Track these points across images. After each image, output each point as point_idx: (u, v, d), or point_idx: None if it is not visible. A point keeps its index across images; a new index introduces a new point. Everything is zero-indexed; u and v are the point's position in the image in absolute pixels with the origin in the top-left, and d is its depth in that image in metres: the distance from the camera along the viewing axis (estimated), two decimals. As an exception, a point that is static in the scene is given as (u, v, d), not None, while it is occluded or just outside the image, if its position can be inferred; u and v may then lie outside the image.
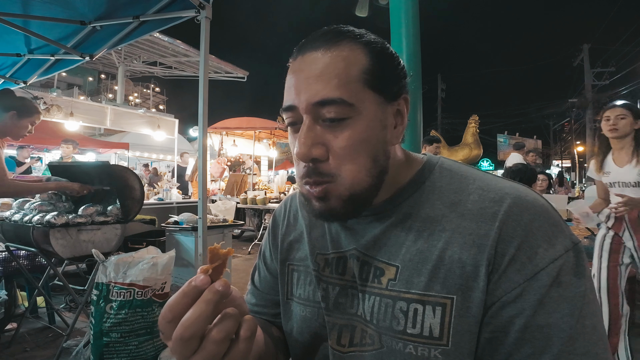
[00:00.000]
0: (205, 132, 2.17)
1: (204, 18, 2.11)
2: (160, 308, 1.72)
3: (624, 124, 2.00)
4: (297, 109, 0.48)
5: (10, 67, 3.30)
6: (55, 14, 2.49)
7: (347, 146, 0.46)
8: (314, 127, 0.47)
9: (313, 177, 0.47)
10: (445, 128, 23.98)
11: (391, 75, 0.49)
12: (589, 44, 17.54)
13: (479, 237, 0.44)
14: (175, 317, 0.37)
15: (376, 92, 0.48)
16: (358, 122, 0.47)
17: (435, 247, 0.46)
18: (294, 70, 0.49)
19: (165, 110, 24.28)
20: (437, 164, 0.54)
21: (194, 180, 6.87)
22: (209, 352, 0.36)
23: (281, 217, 0.69)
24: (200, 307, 0.37)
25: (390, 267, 0.49)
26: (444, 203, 0.49)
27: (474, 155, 10.20)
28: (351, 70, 0.46)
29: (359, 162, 0.47)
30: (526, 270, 0.41)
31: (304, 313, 0.58)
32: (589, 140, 16.93)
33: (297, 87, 0.48)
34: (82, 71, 26.43)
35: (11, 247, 2.27)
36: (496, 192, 0.47)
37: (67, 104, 5.97)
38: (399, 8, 2.90)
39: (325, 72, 0.46)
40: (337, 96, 0.45)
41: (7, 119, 1.96)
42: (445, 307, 0.44)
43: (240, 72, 11.52)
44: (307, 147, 0.46)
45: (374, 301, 0.49)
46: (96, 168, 2.50)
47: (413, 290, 0.46)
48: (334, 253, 0.56)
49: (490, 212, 0.45)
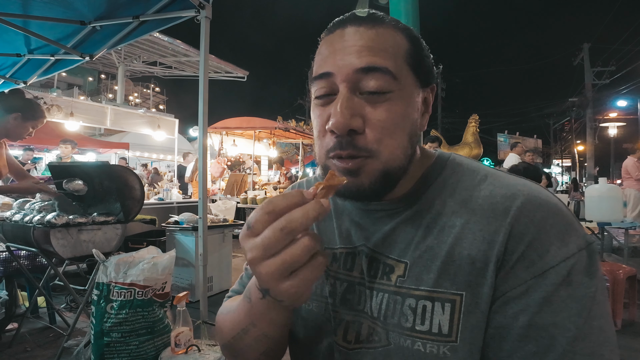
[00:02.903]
0: (205, 132, 2.17)
1: (204, 18, 2.11)
2: (160, 308, 1.72)
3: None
4: (333, 76, 0.46)
5: (10, 67, 3.30)
6: (55, 14, 2.49)
7: (387, 120, 0.45)
8: (352, 97, 0.45)
9: (348, 149, 0.45)
10: (445, 127, 23.98)
11: (425, 62, 0.50)
12: (589, 43, 17.52)
13: (489, 234, 0.43)
14: (276, 211, 0.37)
15: (415, 74, 0.48)
16: (398, 98, 0.46)
17: (445, 243, 0.45)
18: (333, 40, 0.48)
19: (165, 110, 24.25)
20: (449, 160, 0.53)
21: (194, 180, 6.87)
22: (293, 255, 0.36)
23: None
24: (308, 210, 0.37)
25: (400, 263, 0.48)
26: (455, 199, 0.48)
27: (474, 155, 10.20)
28: (397, 48, 0.46)
29: (397, 138, 0.46)
30: (535, 267, 0.41)
31: (310, 307, 0.56)
32: (589, 139, 16.92)
33: (337, 54, 0.46)
34: (82, 71, 26.41)
35: (12, 247, 2.27)
36: (508, 188, 0.46)
37: (67, 104, 5.97)
38: (398, 7, 2.90)
39: (373, 43, 0.45)
40: (383, 65, 0.44)
41: (10, 120, 1.96)
42: (455, 304, 0.43)
43: (240, 72, 11.51)
44: (346, 117, 0.44)
45: (382, 298, 0.48)
46: (96, 168, 2.50)
47: (422, 287, 0.45)
48: (343, 248, 0.55)
49: (501, 208, 0.44)
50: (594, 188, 3.85)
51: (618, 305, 2.71)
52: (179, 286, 3.31)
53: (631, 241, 3.60)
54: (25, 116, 1.98)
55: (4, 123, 1.95)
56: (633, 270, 2.84)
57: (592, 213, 3.72)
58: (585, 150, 18.38)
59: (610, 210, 3.63)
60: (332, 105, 0.46)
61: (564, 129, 25.41)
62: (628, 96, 17.22)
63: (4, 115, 1.94)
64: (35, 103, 2.10)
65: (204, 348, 1.62)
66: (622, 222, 3.64)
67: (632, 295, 2.95)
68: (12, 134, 2.00)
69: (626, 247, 3.52)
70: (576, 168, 24.15)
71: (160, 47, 11.01)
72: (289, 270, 0.37)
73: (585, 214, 3.85)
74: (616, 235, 3.73)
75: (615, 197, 3.71)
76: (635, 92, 16.43)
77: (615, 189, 3.96)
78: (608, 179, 7.25)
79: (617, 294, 2.66)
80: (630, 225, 3.56)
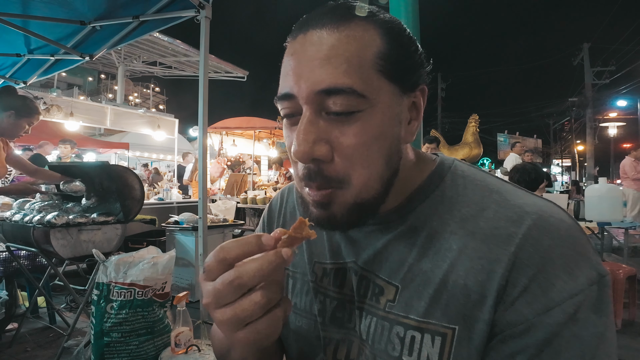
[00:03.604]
0: (205, 132, 2.17)
1: (204, 18, 2.11)
2: (160, 308, 1.72)
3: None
4: (295, 98, 0.41)
5: (10, 67, 3.31)
6: (55, 14, 2.49)
7: (357, 144, 0.39)
8: (316, 120, 0.40)
9: (316, 180, 0.41)
10: (445, 127, 23.98)
11: (409, 62, 0.42)
12: (589, 43, 17.53)
13: (489, 262, 0.38)
14: (227, 259, 0.35)
15: (391, 81, 0.41)
16: (370, 116, 0.40)
17: (440, 268, 0.41)
18: (293, 51, 0.42)
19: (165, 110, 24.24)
20: (450, 169, 0.47)
21: (193, 180, 6.87)
22: (244, 310, 0.34)
23: (277, 210, 0.63)
24: (263, 263, 0.34)
25: (390, 286, 0.44)
26: (454, 217, 0.43)
27: (474, 155, 10.21)
28: (364, 54, 0.39)
29: (370, 165, 0.41)
30: (538, 304, 0.36)
31: (300, 324, 0.53)
32: (589, 139, 16.93)
33: (297, 71, 0.40)
34: (82, 71, 26.43)
35: (12, 247, 2.27)
36: (515, 209, 0.40)
37: (67, 104, 5.96)
38: (398, 7, 2.90)
39: (332, 55, 0.39)
40: (346, 85, 0.38)
41: (5, 118, 1.96)
42: (446, 338, 0.39)
43: (240, 72, 11.50)
44: (307, 145, 0.39)
45: (370, 321, 0.45)
46: (96, 168, 2.50)
47: (412, 316, 0.41)
48: (333, 264, 0.51)
49: (505, 233, 0.39)
50: (594, 188, 3.86)
51: (618, 305, 2.72)
52: (179, 286, 3.31)
53: (631, 241, 3.60)
54: (19, 114, 1.98)
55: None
56: (633, 270, 2.84)
57: (592, 213, 3.72)
58: (585, 150, 18.39)
59: (610, 210, 3.63)
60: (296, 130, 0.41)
61: (564, 129, 25.41)
62: (628, 96, 17.25)
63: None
64: (29, 100, 2.10)
65: (204, 348, 1.62)
66: (622, 221, 3.65)
67: (632, 295, 2.95)
68: (7, 132, 2.00)
69: (626, 247, 3.52)
70: (576, 168, 24.15)
71: (160, 47, 11.01)
72: (242, 323, 0.35)
73: (585, 214, 3.85)
74: (616, 235, 3.73)
75: (615, 197, 3.72)
76: (635, 92, 16.46)
77: (615, 189, 3.97)
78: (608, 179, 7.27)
79: (617, 294, 2.67)
80: (630, 225, 3.56)
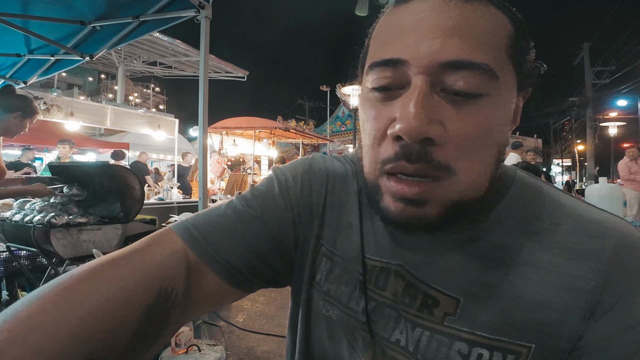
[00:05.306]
0: (205, 132, 2.18)
1: (204, 18, 2.11)
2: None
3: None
4: (405, 66, 0.34)
5: (10, 67, 3.31)
6: (55, 14, 2.49)
7: (477, 133, 0.34)
8: (431, 95, 0.33)
9: (417, 162, 0.34)
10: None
11: (529, 57, 0.38)
12: (589, 43, 17.52)
13: (575, 280, 0.35)
14: None
15: (516, 72, 0.36)
16: (494, 103, 0.34)
17: (511, 282, 0.37)
18: (407, 13, 0.35)
19: (165, 110, 24.27)
20: (515, 179, 0.43)
21: (194, 180, 6.88)
22: None
23: (323, 178, 0.50)
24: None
25: (448, 298, 0.39)
26: (522, 230, 0.39)
27: (474, 154, 10.21)
28: (499, 33, 0.34)
29: (484, 159, 0.36)
30: (621, 322, 0.34)
31: (329, 313, 0.47)
32: (589, 138, 16.93)
33: (415, 33, 0.34)
34: (82, 71, 26.45)
35: (12, 247, 2.27)
36: (593, 225, 0.37)
37: (67, 104, 5.96)
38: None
39: (466, 26, 0.33)
40: (483, 60, 0.33)
41: (11, 119, 1.96)
42: (520, 356, 0.35)
43: (240, 72, 11.52)
44: (422, 120, 0.32)
45: (421, 334, 0.40)
46: (96, 168, 2.50)
47: (478, 332, 0.37)
48: (377, 261, 0.45)
49: (589, 249, 0.36)
50: (594, 188, 3.87)
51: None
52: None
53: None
54: (25, 114, 1.99)
55: (4, 122, 1.95)
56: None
57: (592, 213, 3.73)
58: (586, 149, 18.39)
59: (611, 209, 3.56)
60: (400, 103, 0.34)
61: (564, 129, 25.43)
62: (628, 96, 17.24)
63: (3, 114, 1.94)
64: (30, 100, 2.10)
65: (204, 348, 1.62)
66: (622, 221, 3.65)
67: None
68: (10, 132, 2.00)
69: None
70: (576, 168, 24.17)
71: (160, 47, 11.03)
72: None
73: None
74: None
75: (616, 196, 3.73)
76: (635, 91, 16.44)
77: (616, 189, 3.98)
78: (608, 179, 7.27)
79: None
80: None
